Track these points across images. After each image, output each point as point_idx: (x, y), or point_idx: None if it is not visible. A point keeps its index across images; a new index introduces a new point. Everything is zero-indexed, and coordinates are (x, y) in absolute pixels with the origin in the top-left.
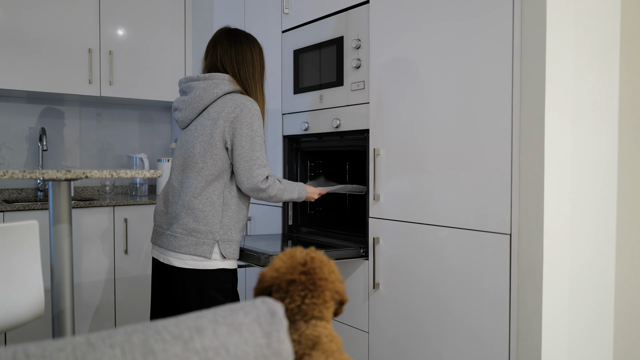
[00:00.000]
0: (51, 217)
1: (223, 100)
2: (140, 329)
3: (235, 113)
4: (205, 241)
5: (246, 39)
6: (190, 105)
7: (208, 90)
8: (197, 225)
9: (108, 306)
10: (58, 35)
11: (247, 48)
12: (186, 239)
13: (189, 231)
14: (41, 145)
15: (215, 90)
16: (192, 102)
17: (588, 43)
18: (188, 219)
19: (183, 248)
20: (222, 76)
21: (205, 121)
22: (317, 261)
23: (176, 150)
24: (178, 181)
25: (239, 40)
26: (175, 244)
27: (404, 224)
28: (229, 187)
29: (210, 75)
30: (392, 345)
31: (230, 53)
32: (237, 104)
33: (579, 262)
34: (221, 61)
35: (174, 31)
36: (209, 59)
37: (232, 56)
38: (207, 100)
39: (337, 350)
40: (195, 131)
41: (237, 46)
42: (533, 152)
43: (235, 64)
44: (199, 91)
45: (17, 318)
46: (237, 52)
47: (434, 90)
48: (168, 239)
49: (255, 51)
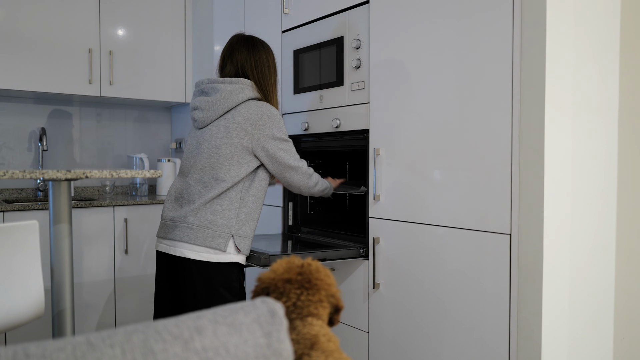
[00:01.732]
0: (51, 217)
1: (247, 105)
2: (140, 329)
3: (262, 120)
4: (221, 234)
5: (262, 46)
6: (213, 107)
7: (234, 93)
8: (214, 217)
9: (108, 306)
10: (58, 35)
11: (264, 55)
12: (202, 231)
13: (205, 224)
14: (41, 145)
15: (241, 95)
16: (217, 103)
17: (588, 42)
18: (206, 212)
19: (199, 240)
20: (247, 82)
21: (230, 124)
22: (314, 265)
23: (192, 149)
24: (196, 180)
25: (256, 48)
26: (191, 235)
27: (404, 224)
28: (247, 187)
29: (236, 80)
30: (392, 345)
31: (249, 60)
32: (263, 111)
33: (579, 262)
34: (242, 68)
35: (174, 31)
36: (229, 65)
37: (252, 63)
38: (231, 104)
39: (336, 350)
40: (218, 132)
41: (255, 54)
42: (533, 152)
43: (256, 72)
44: (225, 94)
45: (17, 318)
46: (256, 59)
47: (434, 90)
48: (183, 230)
49: (270, 58)
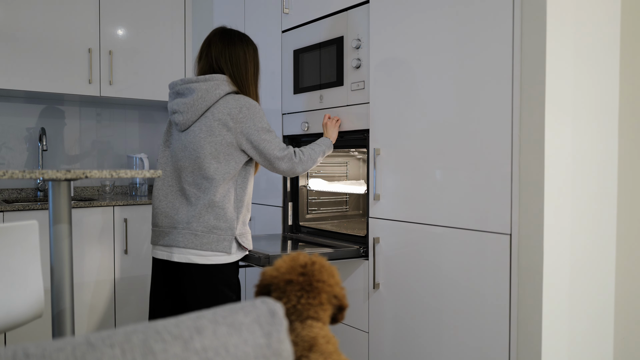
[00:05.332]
0: (51, 217)
1: (225, 100)
2: (140, 329)
3: (242, 113)
4: (225, 237)
5: (240, 40)
6: (192, 108)
7: (210, 91)
8: (218, 222)
9: (108, 306)
10: (58, 35)
11: (240, 49)
12: (208, 237)
13: (209, 229)
14: (41, 145)
15: (217, 91)
16: (195, 104)
17: (588, 42)
18: (209, 216)
19: (205, 245)
20: (221, 77)
21: (211, 122)
22: (318, 265)
23: (177, 153)
24: (189, 183)
25: (232, 42)
26: (196, 241)
27: (404, 224)
28: (240, 183)
29: (210, 77)
30: (392, 345)
31: (224, 54)
32: (241, 104)
33: (579, 262)
34: (217, 62)
35: (174, 31)
36: (204, 60)
37: (227, 57)
38: (209, 102)
39: (334, 352)
40: (201, 132)
41: (230, 47)
42: (533, 152)
43: (230, 65)
44: (201, 93)
45: (17, 318)
46: (231, 53)
47: (434, 90)
48: (187, 237)
49: (248, 52)
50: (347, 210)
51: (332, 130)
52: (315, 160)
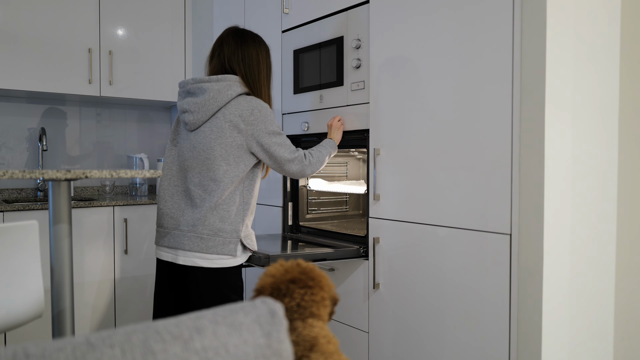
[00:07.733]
0: (51, 217)
1: (237, 101)
2: (140, 329)
3: (254, 116)
4: (231, 240)
5: (253, 40)
6: (203, 108)
7: (222, 92)
8: (223, 225)
9: (108, 306)
10: (58, 35)
11: (253, 50)
12: (213, 240)
13: (215, 231)
14: (41, 145)
15: (230, 92)
16: (206, 104)
17: (588, 42)
18: (214, 219)
19: (211, 248)
20: (233, 78)
21: (222, 123)
22: (304, 264)
23: (184, 152)
24: (195, 184)
25: (245, 42)
26: (202, 245)
27: (404, 224)
28: (247, 186)
29: (222, 77)
30: (392, 345)
31: (237, 54)
32: (253, 106)
33: (579, 262)
34: (229, 62)
35: (174, 31)
36: (215, 60)
37: (239, 58)
38: (221, 102)
39: (335, 352)
40: (211, 133)
41: (243, 48)
42: (533, 152)
43: (242, 66)
44: (213, 93)
45: (17, 318)
46: (244, 54)
47: (434, 90)
48: (192, 240)
49: (261, 53)
50: (347, 210)
51: (337, 132)
52: (323, 161)
